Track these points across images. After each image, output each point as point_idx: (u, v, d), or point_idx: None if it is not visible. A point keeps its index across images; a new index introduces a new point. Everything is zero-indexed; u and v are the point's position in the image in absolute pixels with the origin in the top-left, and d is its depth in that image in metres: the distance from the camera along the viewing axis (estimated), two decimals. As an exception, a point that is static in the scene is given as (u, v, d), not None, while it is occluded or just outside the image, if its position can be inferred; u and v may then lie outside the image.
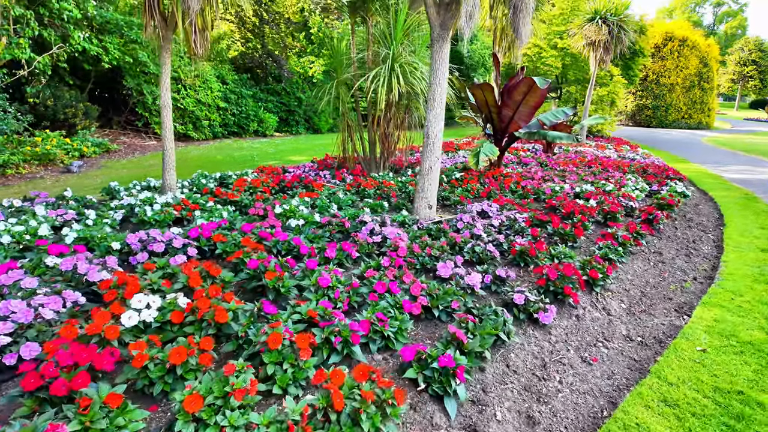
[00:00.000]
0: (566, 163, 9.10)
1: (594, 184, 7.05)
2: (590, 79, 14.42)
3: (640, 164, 9.84)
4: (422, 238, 3.89)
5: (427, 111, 4.91)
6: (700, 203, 7.45)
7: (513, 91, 6.90)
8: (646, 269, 4.17)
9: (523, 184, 6.56)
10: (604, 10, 13.30)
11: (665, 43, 27.89)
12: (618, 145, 14.71)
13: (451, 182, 6.54)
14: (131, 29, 11.07)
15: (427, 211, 4.98)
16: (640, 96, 28.68)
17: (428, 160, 4.92)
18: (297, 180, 6.71)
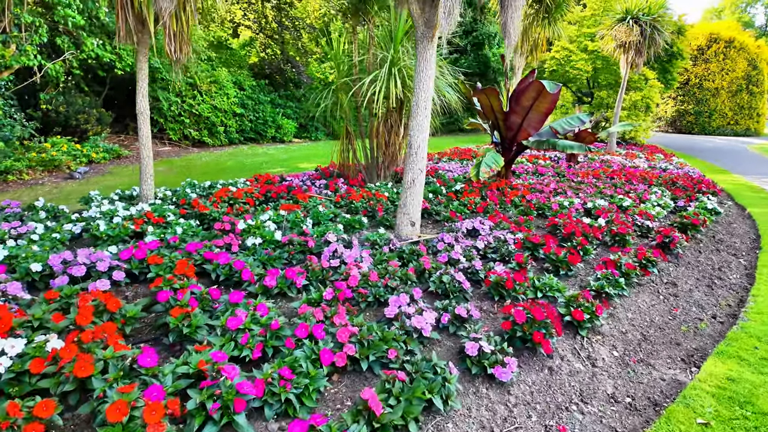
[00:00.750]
0: (586, 174, 8.40)
1: (611, 199, 6.37)
2: (621, 84, 13.52)
3: (671, 175, 8.99)
4: (390, 263, 3.43)
5: (410, 119, 4.44)
6: (736, 221, 6.64)
7: (521, 96, 6.34)
8: (653, 304, 3.55)
9: (529, 197, 5.97)
10: (636, 9, 12.43)
11: (709, 45, 26.26)
12: (651, 153, 13.72)
13: (448, 195, 6.03)
14: (144, 36, 11.09)
15: (408, 228, 4.51)
16: (681, 101, 27.08)
17: (410, 173, 4.45)
18: (285, 190, 6.36)
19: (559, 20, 12.15)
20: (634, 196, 6.75)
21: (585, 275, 3.85)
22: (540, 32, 12.01)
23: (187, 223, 4.23)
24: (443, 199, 5.87)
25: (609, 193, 6.80)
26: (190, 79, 13.26)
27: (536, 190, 6.72)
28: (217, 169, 10.36)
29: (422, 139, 4.41)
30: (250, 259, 3.35)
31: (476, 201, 5.65)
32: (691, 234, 5.20)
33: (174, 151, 12.69)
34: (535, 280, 3.28)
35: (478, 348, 2.29)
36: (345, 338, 2.22)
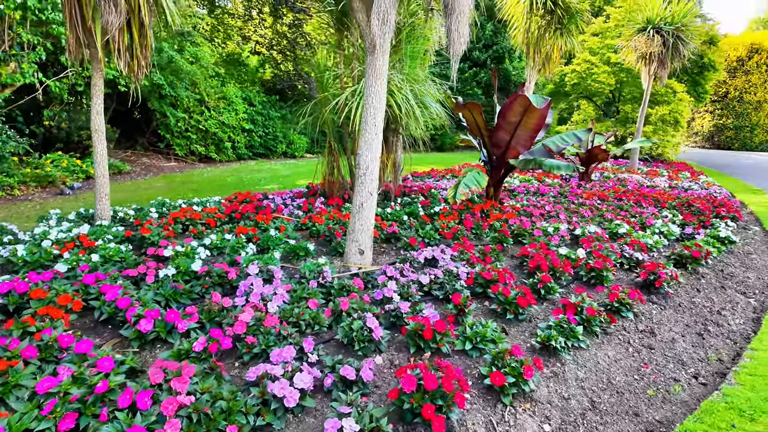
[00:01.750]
0: (592, 195, 7.72)
1: (607, 225, 5.72)
2: (643, 97, 12.68)
3: (689, 196, 8.18)
4: (309, 302, 3.00)
5: (359, 136, 4.03)
6: (757, 251, 5.84)
7: (507, 112, 5.83)
8: (617, 359, 2.95)
9: (512, 221, 5.42)
10: (659, 18, 11.66)
11: (750, 56, 24.75)
12: (676, 171, 12.76)
13: (422, 218, 5.55)
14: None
15: (357, 257, 4.06)
16: (719, 115, 25.54)
17: (359, 196, 4.03)
18: (253, 210, 6.04)
19: (573, 31, 11.55)
20: (637, 221, 6.07)
21: (544, 319, 3.29)
22: (553, 44, 11.43)
23: (116, 249, 3.93)
24: (414, 222, 5.40)
25: (610, 217, 6.15)
26: (198, 95, 13.34)
27: (526, 213, 6.14)
28: (214, 186, 10.22)
29: (371, 158, 3.99)
30: (149, 294, 2.99)
31: (451, 225, 5.14)
32: (691, 268, 4.52)
33: (179, 167, 12.72)
34: (468, 328, 2.77)
35: (339, 429, 1.81)
36: (171, 411, 1.80)
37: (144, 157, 12.84)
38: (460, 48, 3.30)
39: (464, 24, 3.22)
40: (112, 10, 4.47)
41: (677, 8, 11.62)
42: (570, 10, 11.02)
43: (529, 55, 11.98)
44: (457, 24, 3.21)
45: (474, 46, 21.40)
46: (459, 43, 3.27)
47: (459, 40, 3.26)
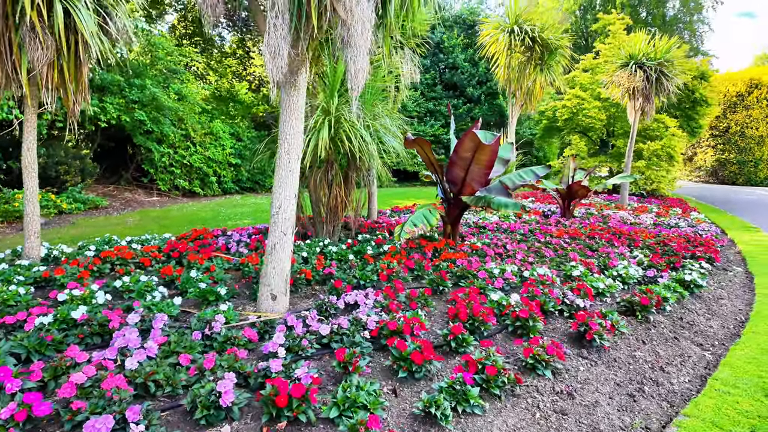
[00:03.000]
0: (564, 233, 7.38)
1: (560, 266, 5.38)
2: (630, 132, 12.46)
3: (669, 235, 7.80)
4: (180, 357, 2.71)
5: (275, 174, 3.82)
6: (730, 295, 5.43)
7: (459, 148, 5.64)
8: (518, 428, 2.58)
9: (459, 262, 5.10)
10: (641, 54, 11.58)
11: (750, 91, 24.57)
12: (666, 207, 12.36)
13: (364, 257, 5.26)
14: (131, 89, 11.37)
15: (268, 303, 3.78)
16: (722, 149, 25.16)
17: (272, 237, 3.78)
18: (196, 248, 5.82)
19: (555, 67, 11.50)
20: (600, 262, 5.71)
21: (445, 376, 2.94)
22: (534, 79, 11.37)
23: (14, 292, 3.71)
24: (356, 263, 5.11)
25: (572, 258, 5.80)
26: (185, 131, 13.45)
27: (480, 253, 5.82)
28: (187, 221, 10.08)
29: (285, 197, 3.76)
30: (5, 346, 2.73)
31: (391, 266, 4.84)
32: (642, 317, 4.14)
33: (161, 202, 12.67)
34: (342, 391, 2.44)
35: None
36: None
37: (127, 192, 12.84)
38: (358, 82, 3.11)
39: (362, 58, 3.04)
40: (38, 46, 4.42)
41: (660, 44, 11.54)
42: (549, 47, 11.00)
43: (510, 91, 11.93)
44: (354, 58, 3.03)
45: (468, 83, 21.56)
46: (357, 78, 3.08)
47: (356, 75, 3.07)
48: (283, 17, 2.99)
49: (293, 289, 4.45)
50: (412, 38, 8.83)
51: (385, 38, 3.74)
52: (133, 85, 11.40)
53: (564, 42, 11.20)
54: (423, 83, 21.10)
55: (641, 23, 34.09)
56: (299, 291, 4.49)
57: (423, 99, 20.88)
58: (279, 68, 3.03)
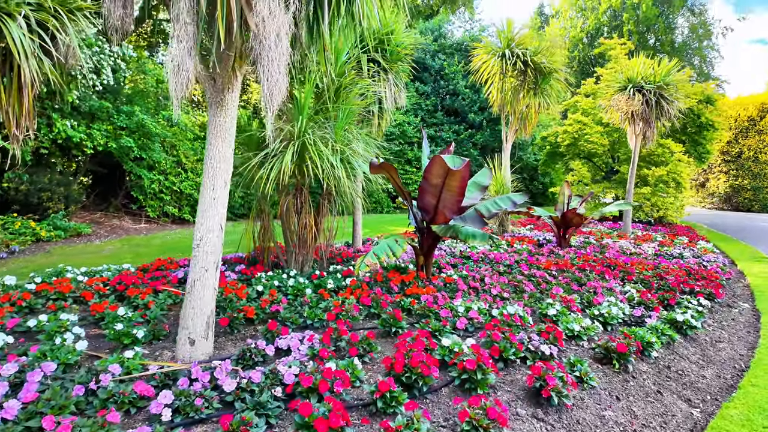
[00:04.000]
0: (551, 264, 6.86)
1: (539, 302, 4.86)
2: (632, 157, 11.96)
3: (669, 266, 7.22)
4: (44, 419, 2.29)
5: (198, 203, 3.45)
6: (732, 338, 4.84)
7: (428, 174, 5.25)
8: None
9: (424, 298, 4.63)
10: (639, 77, 11.19)
11: (762, 115, 23.93)
12: (672, 236, 11.72)
13: (319, 293, 4.82)
14: (119, 116, 11.30)
15: (186, 349, 3.34)
16: (735, 175, 24.37)
17: (192, 273, 3.38)
18: (146, 281, 5.44)
19: (550, 91, 11.18)
20: (583, 299, 5.18)
21: (367, 446, 2.46)
22: (528, 104, 11.04)
23: None
24: (308, 300, 4.67)
25: (555, 292, 5.27)
26: (176, 157, 13.33)
27: (452, 288, 5.34)
28: (167, 249, 9.78)
29: (208, 228, 3.37)
30: None
31: (347, 303, 4.39)
32: (620, 366, 3.60)
33: (149, 229, 12.43)
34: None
35: None
36: None
37: (115, 219, 12.65)
38: (273, 101, 2.75)
39: (276, 74, 2.69)
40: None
41: (658, 67, 11.16)
42: (542, 71, 10.70)
43: (504, 116, 11.61)
44: (267, 73, 2.68)
45: (470, 109, 21.38)
46: (271, 96, 2.72)
47: (271, 93, 2.71)
48: (186, 29, 2.66)
49: (228, 331, 4.01)
50: (394, 63, 8.58)
51: (319, 55, 3.40)
52: (121, 112, 11.33)
53: (558, 66, 10.89)
54: (424, 109, 20.98)
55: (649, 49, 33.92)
56: (236, 332, 4.05)
57: (424, 125, 20.69)
58: (182, 85, 2.69)
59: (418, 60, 21.54)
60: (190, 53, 2.69)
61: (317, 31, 3.18)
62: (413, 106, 20.73)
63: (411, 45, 9.23)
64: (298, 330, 4.10)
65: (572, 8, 36.93)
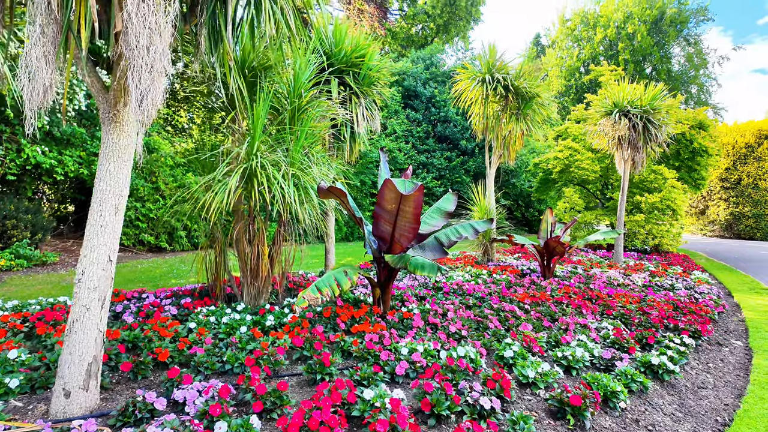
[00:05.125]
0: (527, 297, 6.34)
1: (500, 341, 4.35)
2: (621, 183, 11.54)
3: (656, 299, 6.68)
4: None
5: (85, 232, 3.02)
6: (718, 382, 4.29)
7: (382, 200, 4.84)
8: None
9: (369, 337, 4.13)
10: (625, 102, 10.89)
11: (760, 142, 23.58)
12: (666, 266, 11.17)
13: (251, 331, 4.33)
14: (93, 141, 11.05)
15: (62, 401, 2.86)
16: (735, 203, 23.84)
17: (73, 312, 2.93)
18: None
19: (534, 116, 10.88)
20: (549, 338, 4.66)
21: None
22: (511, 129, 10.72)
23: None
24: (236, 340, 4.17)
25: (522, 329, 4.75)
26: (155, 184, 13.02)
27: (403, 327, 4.84)
28: (132, 279, 9.34)
29: (92, 260, 2.94)
30: None
31: (276, 344, 3.90)
32: (575, 423, 3.07)
33: (123, 257, 12.00)
34: None
35: None
36: None
37: (87, 247, 12.23)
38: (143, 113, 2.36)
39: (149, 81, 2.31)
40: None
41: (645, 92, 10.87)
42: (525, 96, 10.43)
43: (487, 141, 11.30)
44: (137, 80, 2.30)
45: (461, 136, 21.19)
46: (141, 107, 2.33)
47: (141, 103, 2.32)
48: (45, 30, 2.30)
49: (131, 377, 3.52)
50: (367, 87, 8.30)
51: (224, 65, 3.04)
52: (95, 138, 11.09)
53: (541, 90, 10.62)
54: (415, 136, 20.79)
55: (646, 78, 34.07)
56: (142, 379, 3.55)
57: (415, 152, 20.45)
58: (39, 93, 2.31)
59: (409, 87, 21.49)
60: (48, 58, 2.32)
61: (218, 37, 2.82)
62: (404, 133, 20.55)
63: (386, 69, 8.99)
64: (217, 376, 3.60)
65: (568, 38, 37.34)
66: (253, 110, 5.70)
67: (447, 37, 29.55)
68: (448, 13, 28.24)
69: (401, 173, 19.95)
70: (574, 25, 36.24)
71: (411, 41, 28.48)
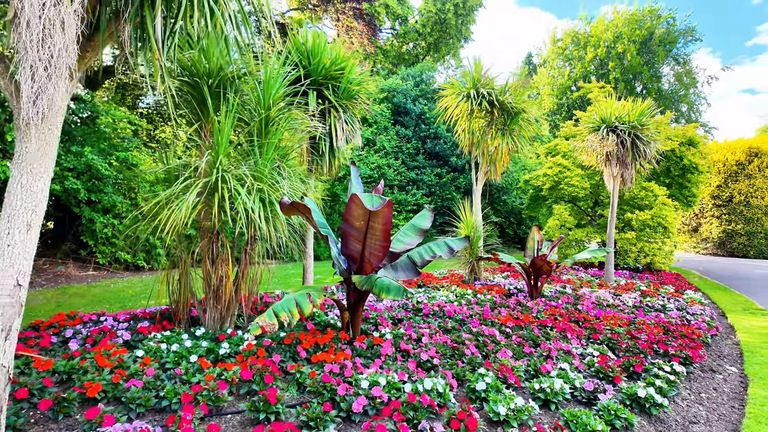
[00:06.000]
0: (510, 319, 5.98)
1: (474, 370, 3.98)
2: (611, 200, 11.29)
3: (646, 321, 6.34)
4: None
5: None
6: (711, 416, 3.93)
7: (349, 216, 4.52)
8: None
9: (329, 368, 3.75)
10: (613, 117, 10.72)
11: (750, 160, 23.57)
12: (657, 285, 10.85)
13: (197, 361, 3.95)
14: (67, 156, 10.71)
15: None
16: (727, 220, 23.69)
17: (-26, 344, 2.55)
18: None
19: (522, 131, 10.67)
20: (527, 367, 4.30)
21: None
22: (497, 145, 10.49)
23: None
24: (183, 371, 3.78)
25: (501, 357, 4.39)
26: (135, 200, 12.66)
27: (374, 352, 4.46)
28: (104, 299, 8.93)
29: (-1, 283, 2.57)
30: None
31: (226, 375, 3.52)
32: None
33: (95, 276, 11.55)
34: None
35: None
36: None
37: (61, 266, 11.79)
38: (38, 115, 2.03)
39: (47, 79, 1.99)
40: None
41: (633, 108, 10.70)
42: (510, 111, 10.23)
43: (473, 157, 11.07)
44: (29, 77, 1.98)
45: (452, 152, 21.03)
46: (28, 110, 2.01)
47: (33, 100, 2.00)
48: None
49: (51, 416, 3.12)
50: (347, 100, 8.05)
51: (152, 62, 2.73)
52: (70, 152, 10.76)
53: (527, 106, 10.43)
54: (405, 152, 20.61)
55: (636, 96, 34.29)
56: (64, 418, 3.15)
57: (405, 168, 20.24)
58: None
59: (399, 104, 21.38)
60: None
61: (144, 34, 2.53)
62: (394, 149, 20.37)
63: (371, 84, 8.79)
64: (153, 414, 3.21)
65: (559, 57, 37.66)
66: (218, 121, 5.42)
67: (438, 55, 29.69)
68: (439, 31, 28.41)
69: (389, 189, 19.69)
70: (565, 45, 36.59)
71: (402, 59, 28.57)
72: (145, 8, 2.50)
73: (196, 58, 5.60)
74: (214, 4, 2.79)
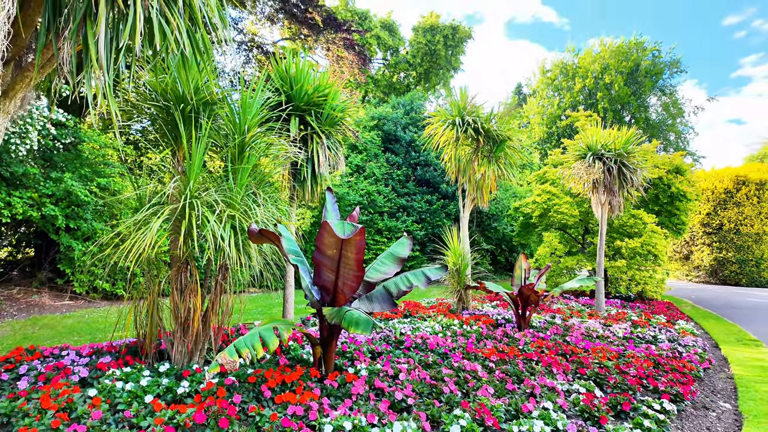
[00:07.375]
0: (494, 352, 5.72)
1: (451, 410, 3.70)
2: (599, 228, 11.17)
3: (636, 354, 6.10)
4: None
5: None
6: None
7: (321, 244, 4.32)
8: None
9: (293, 410, 3.47)
10: (599, 145, 10.71)
11: (738, 188, 23.73)
12: (649, 315, 10.62)
13: (151, 402, 3.64)
14: (46, 182, 10.49)
15: None
16: (718, 248, 23.66)
17: None
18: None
19: (509, 158, 10.62)
20: (508, 406, 4.03)
21: None
22: (483, 172, 10.42)
23: None
24: (134, 414, 3.48)
25: (481, 395, 4.12)
26: (115, 227, 12.38)
27: (343, 391, 4.18)
28: (76, 330, 8.58)
29: None
30: None
31: (179, 420, 3.23)
32: None
33: (71, 306, 11.14)
34: None
35: None
36: None
37: (36, 294, 11.38)
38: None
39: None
40: None
41: (618, 136, 10.72)
42: (496, 139, 10.20)
43: (459, 184, 10.98)
44: None
45: (441, 179, 21.01)
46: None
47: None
48: None
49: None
50: (330, 126, 7.95)
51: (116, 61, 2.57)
52: (49, 178, 10.54)
53: (513, 134, 10.42)
54: (395, 179, 20.56)
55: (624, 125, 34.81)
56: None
57: (395, 195, 20.14)
58: None
59: (389, 131, 21.47)
60: None
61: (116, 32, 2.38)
62: (384, 176, 20.31)
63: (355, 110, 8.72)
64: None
65: (548, 87, 38.37)
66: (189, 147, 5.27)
67: (428, 84, 30.12)
68: (429, 62, 28.90)
69: (379, 216, 19.53)
70: (554, 76, 37.35)
71: (393, 88, 28.93)
72: (87, 26, 2.35)
73: (168, 84, 5.48)
74: (166, 25, 2.65)
